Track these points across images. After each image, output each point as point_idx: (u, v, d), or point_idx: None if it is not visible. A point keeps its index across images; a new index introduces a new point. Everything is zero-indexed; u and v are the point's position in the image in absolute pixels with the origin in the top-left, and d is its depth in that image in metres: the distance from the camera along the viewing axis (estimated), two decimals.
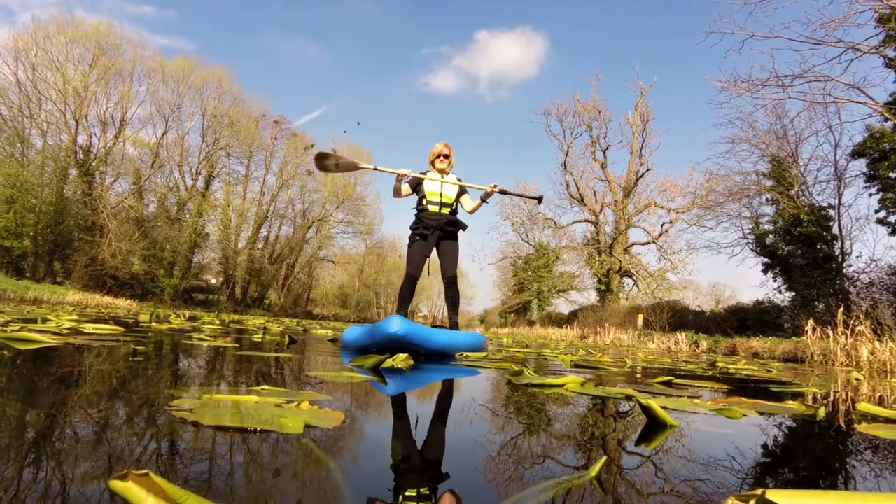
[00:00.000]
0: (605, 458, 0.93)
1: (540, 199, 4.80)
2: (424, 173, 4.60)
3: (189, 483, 0.74)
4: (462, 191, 4.65)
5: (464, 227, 4.61)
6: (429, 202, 4.52)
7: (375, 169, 4.81)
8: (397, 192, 4.60)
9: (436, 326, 4.26)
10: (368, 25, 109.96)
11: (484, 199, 4.56)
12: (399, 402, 1.76)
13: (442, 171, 4.62)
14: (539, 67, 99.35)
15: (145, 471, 0.56)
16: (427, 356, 3.76)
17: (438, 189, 4.53)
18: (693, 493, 0.88)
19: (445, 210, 4.54)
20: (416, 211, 4.63)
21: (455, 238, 4.61)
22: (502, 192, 4.60)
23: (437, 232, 4.46)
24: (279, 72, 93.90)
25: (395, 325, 3.39)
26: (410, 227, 4.59)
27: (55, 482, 0.70)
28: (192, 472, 0.80)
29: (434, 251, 4.55)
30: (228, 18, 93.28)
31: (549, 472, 0.95)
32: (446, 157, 4.66)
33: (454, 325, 4.47)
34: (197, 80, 33.31)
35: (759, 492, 0.64)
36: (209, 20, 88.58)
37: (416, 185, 4.61)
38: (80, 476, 0.73)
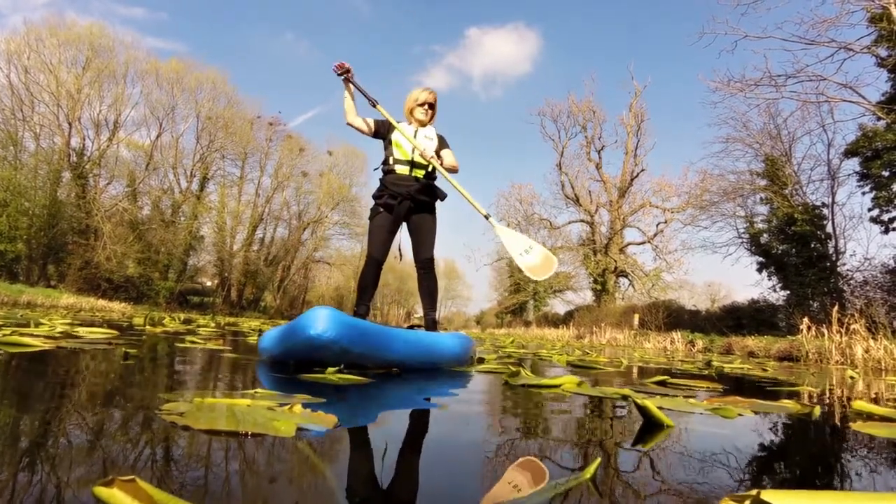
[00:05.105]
0: (599, 459, 0.92)
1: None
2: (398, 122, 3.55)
3: (178, 488, 0.73)
4: (442, 145, 3.57)
5: (442, 196, 3.57)
6: (396, 161, 3.43)
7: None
8: (350, 114, 3.47)
9: (411, 327, 3.33)
10: (359, 23, 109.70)
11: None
12: (394, 406, 1.76)
13: (420, 124, 3.57)
14: (533, 64, 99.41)
15: (131, 476, 0.55)
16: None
17: (410, 144, 3.43)
18: (689, 493, 0.87)
19: (418, 172, 3.44)
20: (380, 173, 3.56)
21: (431, 210, 3.55)
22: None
23: (406, 202, 3.40)
24: (273, 73, 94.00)
25: (320, 323, 2.14)
26: (373, 196, 3.54)
27: (40, 489, 0.69)
28: (182, 477, 0.78)
29: (405, 228, 3.57)
30: (219, 19, 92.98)
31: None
32: (431, 107, 3.58)
33: (431, 324, 3.48)
34: (191, 81, 33.17)
35: (754, 492, 0.64)
36: (201, 21, 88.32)
37: (384, 130, 3.52)
38: (66, 482, 0.72)
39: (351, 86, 3.42)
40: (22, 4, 61.14)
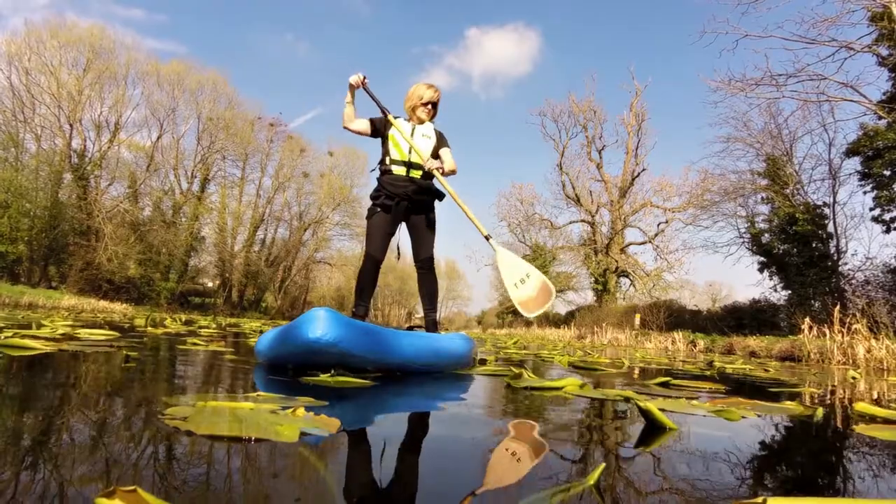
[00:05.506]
0: (603, 464, 0.92)
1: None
2: (395, 117, 3.42)
3: (182, 497, 0.73)
4: (441, 143, 3.47)
5: (440, 196, 3.48)
6: (392, 161, 3.36)
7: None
8: (348, 119, 3.42)
9: (410, 328, 3.29)
10: (359, 24, 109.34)
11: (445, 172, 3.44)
12: (396, 410, 1.75)
13: (419, 122, 3.46)
14: (533, 64, 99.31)
15: (133, 487, 0.55)
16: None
17: (407, 144, 3.34)
18: (694, 499, 0.87)
19: (415, 173, 3.36)
20: (378, 172, 3.49)
21: (430, 210, 3.48)
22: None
23: (403, 202, 3.34)
24: (271, 75, 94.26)
25: (318, 325, 2.08)
26: (371, 196, 3.49)
27: (42, 498, 0.68)
28: (186, 484, 0.78)
29: (405, 228, 3.52)
30: (218, 20, 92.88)
31: (547, 478, 0.94)
32: (434, 106, 3.47)
33: (431, 325, 3.43)
34: (192, 83, 33.21)
35: (760, 500, 0.64)
36: (200, 23, 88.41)
37: (382, 126, 3.43)
38: (66, 492, 0.71)
39: (354, 92, 3.35)
40: (22, 6, 61.39)
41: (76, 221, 27.71)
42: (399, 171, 3.35)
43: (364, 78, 3.31)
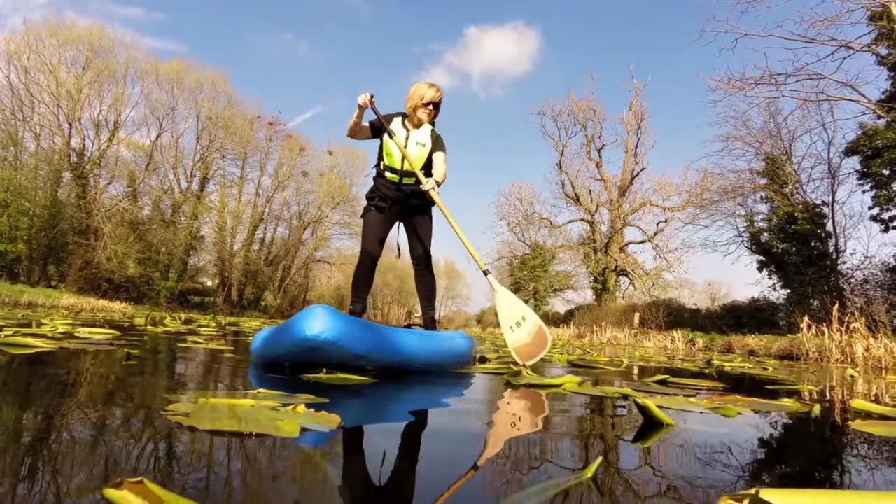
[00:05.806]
0: (600, 458, 0.93)
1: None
2: (393, 116, 3.41)
3: (185, 489, 0.74)
4: (436, 147, 3.37)
5: (431, 201, 3.38)
6: (386, 167, 3.36)
7: None
8: (352, 132, 3.39)
9: (408, 326, 3.26)
10: (358, 23, 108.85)
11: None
12: (396, 407, 1.76)
13: (419, 123, 3.37)
14: (532, 63, 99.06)
15: (140, 478, 0.56)
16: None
17: (399, 151, 3.28)
18: (689, 492, 0.88)
19: (408, 180, 3.34)
20: (374, 172, 3.50)
21: (425, 212, 3.49)
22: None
23: (395, 206, 3.41)
24: (271, 74, 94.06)
25: (317, 323, 2.04)
26: (366, 196, 3.51)
27: (48, 492, 0.69)
28: (189, 478, 0.79)
29: (402, 228, 3.57)
30: (217, 19, 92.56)
31: (545, 472, 0.95)
32: (436, 106, 3.38)
33: (430, 323, 3.42)
34: (191, 82, 33.20)
35: (752, 491, 0.65)
36: (199, 22, 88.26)
37: (379, 126, 3.37)
38: (74, 485, 0.73)
39: (363, 112, 3.30)
40: (21, 5, 61.37)
41: (75, 220, 27.70)
42: (392, 177, 3.36)
43: (371, 98, 3.27)
